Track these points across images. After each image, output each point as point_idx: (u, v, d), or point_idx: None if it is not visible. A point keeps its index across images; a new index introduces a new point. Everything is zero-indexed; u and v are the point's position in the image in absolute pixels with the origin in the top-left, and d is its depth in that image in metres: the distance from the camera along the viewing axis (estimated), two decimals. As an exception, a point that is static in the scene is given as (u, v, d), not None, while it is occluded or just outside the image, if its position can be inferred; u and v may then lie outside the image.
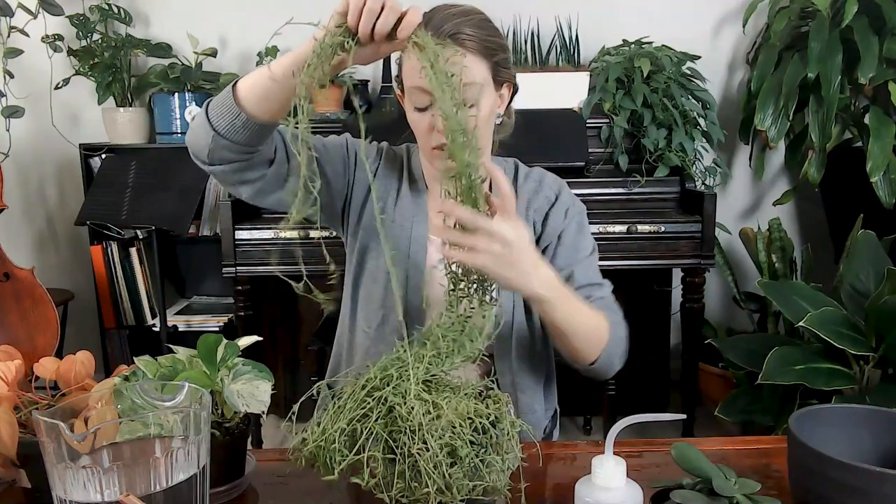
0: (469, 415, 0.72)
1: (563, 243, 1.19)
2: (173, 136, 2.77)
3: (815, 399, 1.91)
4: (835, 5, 2.43)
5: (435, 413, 0.71)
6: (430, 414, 0.71)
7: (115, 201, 2.45)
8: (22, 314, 2.41)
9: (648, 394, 2.74)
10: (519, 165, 1.28)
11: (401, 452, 0.69)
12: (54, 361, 0.86)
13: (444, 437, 0.69)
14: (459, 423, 0.71)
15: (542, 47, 2.72)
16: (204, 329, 2.73)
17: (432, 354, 0.79)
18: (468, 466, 0.70)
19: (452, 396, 0.74)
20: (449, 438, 0.70)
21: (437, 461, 0.68)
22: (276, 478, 0.91)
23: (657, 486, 0.74)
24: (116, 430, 0.66)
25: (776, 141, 2.53)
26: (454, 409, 0.72)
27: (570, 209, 1.22)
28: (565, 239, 1.20)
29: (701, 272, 2.38)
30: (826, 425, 0.78)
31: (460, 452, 0.69)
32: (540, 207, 1.22)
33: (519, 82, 1.21)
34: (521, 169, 1.27)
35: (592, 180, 2.44)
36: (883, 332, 1.84)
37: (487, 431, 0.72)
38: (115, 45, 2.74)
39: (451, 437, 0.70)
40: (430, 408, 0.71)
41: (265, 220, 2.44)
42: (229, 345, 0.86)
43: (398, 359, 0.78)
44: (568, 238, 1.20)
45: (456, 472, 0.69)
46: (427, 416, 0.70)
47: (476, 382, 0.79)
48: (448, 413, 0.71)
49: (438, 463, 0.68)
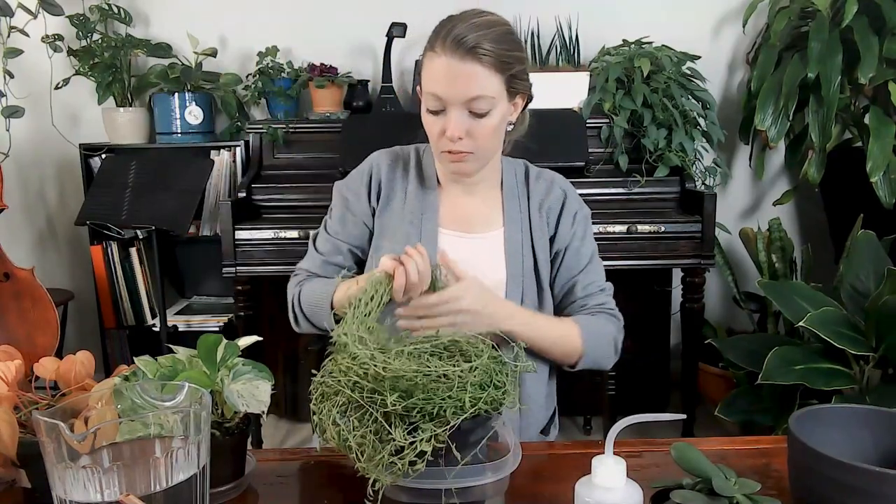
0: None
1: (569, 252, 1.25)
2: (173, 136, 2.77)
3: (815, 399, 1.91)
4: (835, 5, 2.43)
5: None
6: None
7: (115, 201, 2.45)
8: (22, 314, 2.41)
9: (648, 394, 2.74)
10: (529, 167, 1.31)
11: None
12: (54, 361, 0.86)
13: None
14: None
15: (542, 47, 2.72)
16: (204, 329, 2.73)
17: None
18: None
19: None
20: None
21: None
22: (276, 478, 0.91)
23: (657, 486, 0.74)
24: (116, 430, 0.66)
25: (776, 141, 2.53)
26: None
27: (577, 214, 1.27)
28: (571, 248, 1.25)
29: (701, 272, 2.38)
30: (826, 425, 0.78)
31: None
32: (552, 207, 1.26)
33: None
34: (532, 170, 1.30)
35: (592, 180, 2.44)
36: (883, 332, 1.84)
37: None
38: (115, 45, 2.74)
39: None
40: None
41: (265, 220, 2.44)
42: (229, 345, 0.86)
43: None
44: (573, 246, 1.25)
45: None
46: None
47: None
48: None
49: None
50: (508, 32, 1.13)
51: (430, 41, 1.12)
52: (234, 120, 2.87)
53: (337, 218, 1.28)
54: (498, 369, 0.82)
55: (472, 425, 0.77)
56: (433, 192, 1.25)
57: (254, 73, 2.78)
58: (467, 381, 0.77)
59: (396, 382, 0.76)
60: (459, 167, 1.17)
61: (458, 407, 0.76)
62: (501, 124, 1.16)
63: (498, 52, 1.09)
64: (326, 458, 0.95)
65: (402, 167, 1.28)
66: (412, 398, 0.75)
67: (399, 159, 1.29)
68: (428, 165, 1.27)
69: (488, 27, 1.09)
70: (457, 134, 1.10)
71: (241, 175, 2.74)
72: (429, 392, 0.76)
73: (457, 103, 1.09)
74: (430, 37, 1.12)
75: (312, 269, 1.26)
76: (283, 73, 2.75)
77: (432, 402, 0.75)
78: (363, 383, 0.77)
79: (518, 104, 1.19)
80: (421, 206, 1.24)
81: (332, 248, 1.26)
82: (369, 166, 1.28)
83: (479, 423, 0.78)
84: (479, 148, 1.14)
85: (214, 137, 2.87)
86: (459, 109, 1.10)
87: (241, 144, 2.76)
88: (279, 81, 2.74)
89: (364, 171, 1.28)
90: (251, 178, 2.53)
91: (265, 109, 2.88)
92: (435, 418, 0.75)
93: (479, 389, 0.78)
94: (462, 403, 0.76)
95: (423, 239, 1.22)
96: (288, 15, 2.89)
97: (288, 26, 2.88)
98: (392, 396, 0.75)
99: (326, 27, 2.88)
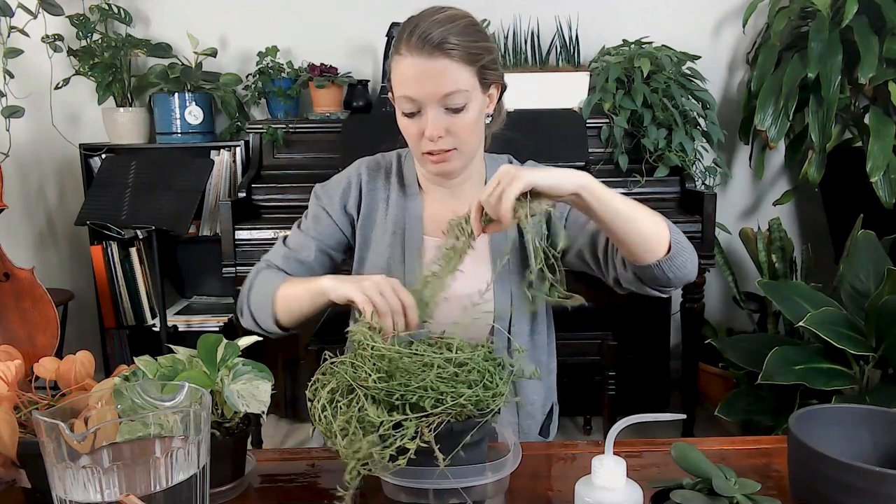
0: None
1: (570, 221, 1.20)
2: (173, 136, 2.77)
3: (815, 399, 1.91)
4: (835, 5, 2.43)
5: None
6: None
7: (115, 201, 2.45)
8: (22, 314, 2.41)
9: (648, 394, 2.74)
10: (513, 161, 1.29)
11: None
12: (54, 361, 0.86)
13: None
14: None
15: (542, 47, 2.72)
16: (204, 329, 2.73)
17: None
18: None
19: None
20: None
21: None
22: (276, 478, 0.91)
23: (657, 486, 0.74)
24: (116, 430, 0.66)
25: (776, 141, 2.53)
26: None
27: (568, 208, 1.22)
28: (571, 217, 1.20)
29: (701, 272, 2.38)
30: (826, 425, 0.78)
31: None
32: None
33: (519, 82, 1.22)
34: (514, 164, 1.28)
35: (592, 180, 2.43)
36: (883, 332, 1.84)
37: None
38: (115, 45, 2.74)
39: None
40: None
41: (265, 220, 2.44)
42: (229, 345, 0.86)
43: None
44: (573, 215, 1.20)
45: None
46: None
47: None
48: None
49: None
50: (472, 24, 1.11)
51: (394, 45, 1.10)
52: (234, 120, 2.87)
53: (311, 216, 1.26)
54: (493, 371, 0.80)
55: (463, 427, 0.76)
56: (415, 199, 1.23)
57: (254, 73, 2.78)
58: (448, 372, 0.76)
59: (380, 362, 0.77)
60: (444, 167, 1.14)
61: (437, 399, 0.75)
62: (479, 118, 1.14)
63: (465, 45, 1.07)
64: (326, 458, 0.95)
65: (384, 175, 1.26)
66: (393, 381, 0.75)
67: (381, 167, 1.27)
68: (408, 171, 1.25)
69: (451, 21, 1.08)
70: (436, 132, 1.09)
71: (241, 175, 2.74)
72: (408, 377, 0.76)
73: (431, 102, 1.07)
74: (394, 41, 1.11)
75: (274, 260, 1.22)
76: (283, 73, 2.75)
77: (410, 387, 0.75)
78: (355, 363, 0.79)
79: (493, 95, 1.17)
80: (403, 214, 1.22)
81: (300, 244, 1.23)
82: (348, 175, 1.26)
83: (469, 425, 0.76)
84: (461, 143, 1.12)
85: (214, 137, 2.87)
86: (435, 108, 1.08)
87: (241, 144, 2.76)
88: (279, 81, 2.74)
89: (343, 178, 1.26)
90: (251, 178, 2.54)
91: (265, 109, 2.88)
92: (414, 408, 0.75)
93: (465, 387, 0.77)
94: (442, 396, 0.75)
95: (407, 249, 1.20)
96: (288, 15, 2.89)
97: (288, 26, 2.88)
98: (373, 376, 0.76)
99: (326, 27, 2.88)
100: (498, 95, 1.19)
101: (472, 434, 0.76)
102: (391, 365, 0.77)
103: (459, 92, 1.08)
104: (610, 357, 2.21)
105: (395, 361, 0.77)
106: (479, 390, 0.77)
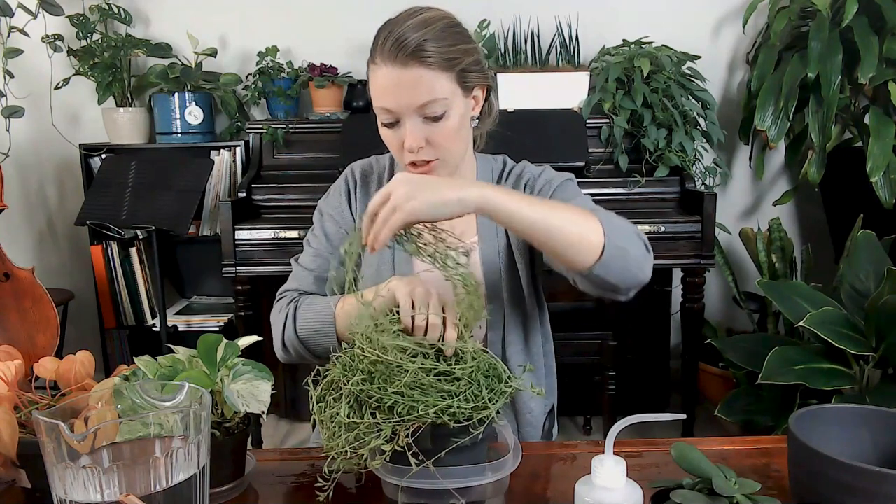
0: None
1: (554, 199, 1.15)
2: (173, 136, 2.77)
3: (815, 399, 1.91)
4: (835, 5, 2.43)
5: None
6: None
7: (115, 201, 2.45)
8: (22, 314, 2.41)
9: (648, 394, 2.74)
10: (507, 162, 1.27)
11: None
12: (54, 361, 0.86)
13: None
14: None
15: (542, 47, 2.72)
16: (204, 329, 2.73)
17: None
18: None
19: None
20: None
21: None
22: (276, 478, 0.91)
23: (657, 486, 0.74)
24: (116, 430, 0.66)
25: (776, 141, 2.53)
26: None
27: (553, 180, 1.19)
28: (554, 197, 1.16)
29: (701, 272, 2.38)
30: (826, 425, 0.78)
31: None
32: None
33: (519, 82, 1.20)
34: (508, 164, 1.26)
35: (592, 180, 2.44)
36: (883, 332, 1.84)
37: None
38: (115, 45, 2.74)
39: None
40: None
41: (265, 220, 2.45)
42: (229, 345, 0.86)
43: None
44: (556, 196, 1.16)
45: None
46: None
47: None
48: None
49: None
50: (450, 25, 1.06)
51: (371, 53, 1.06)
52: (234, 120, 2.87)
53: (321, 233, 1.21)
54: (483, 384, 0.79)
55: (452, 431, 0.76)
56: None
57: (254, 73, 2.78)
58: (425, 380, 0.76)
59: (362, 364, 0.78)
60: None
61: (410, 406, 0.75)
62: (463, 123, 1.09)
63: (441, 51, 1.02)
64: (326, 457, 0.95)
65: (377, 180, 1.23)
66: (373, 384, 0.76)
67: (373, 171, 1.25)
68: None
69: (426, 25, 1.03)
70: (416, 143, 1.05)
71: (241, 175, 2.74)
72: (385, 382, 0.76)
73: (409, 112, 1.04)
74: (370, 48, 1.06)
75: (304, 287, 1.17)
76: (283, 73, 2.75)
77: (386, 392, 0.75)
78: (345, 363, 0.80)
79: (478, 97, 1.13)
80: None
81: (322, 263, 1.18)
82: (345, 180, 1.24)
83: (454, 431, 0.76)
84: (444, 153, 1.08)
85: (214, 137, 2.87)
86: (413, 118, 1.04)
87: (241, 144, 2.76)
88: (279, 81, 2.74)
89: (342, 185, 1.24)
90: (251, 178, 2.54)
91: (265, 109, 2.88)
92: (392, 411, 0.75)
93: (442, 397, 0.76)
94: (416, 404, 0.75)
95: (397, 263, 1.17)
96: (288, 15, 2.89)
97: (288, 26, 2.88)
98: (356, 377, 0.77)
99: (326, 27, 2.87)
100: (484, 96, 1.15)
101: (462, 440, 0.75)
102: (375, 368, 0.77)
103: (437, 101, 1.03)
104: (610, 357, 2.21)
105: (376, 365, 0.77)
106: (458, 402, 0.76)
